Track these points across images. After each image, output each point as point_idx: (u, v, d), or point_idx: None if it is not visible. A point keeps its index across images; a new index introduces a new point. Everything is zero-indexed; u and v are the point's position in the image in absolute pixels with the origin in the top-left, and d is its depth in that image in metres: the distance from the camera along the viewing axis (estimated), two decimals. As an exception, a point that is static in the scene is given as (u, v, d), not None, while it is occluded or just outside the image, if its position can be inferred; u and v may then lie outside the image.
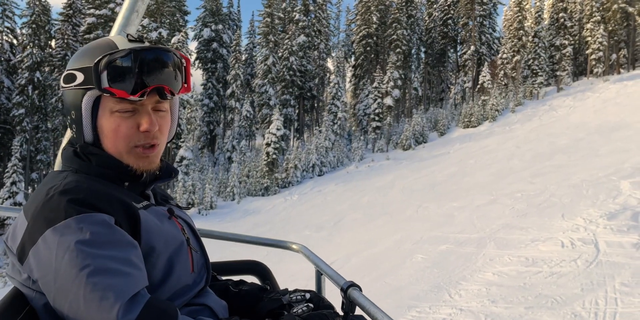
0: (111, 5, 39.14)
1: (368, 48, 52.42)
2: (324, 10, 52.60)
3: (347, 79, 58.22)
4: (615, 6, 52.77)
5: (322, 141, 35.71)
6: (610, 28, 53.24)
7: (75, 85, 1.22)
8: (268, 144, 33.21)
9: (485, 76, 42.87)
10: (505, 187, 19.72)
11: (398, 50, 47.90)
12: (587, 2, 52.85)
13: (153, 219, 1.25)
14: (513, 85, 45.80)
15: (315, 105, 53.80)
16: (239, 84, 44.30)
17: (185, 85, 1.32)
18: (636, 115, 29.92)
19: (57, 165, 1.55)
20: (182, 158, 32.04)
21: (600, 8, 52.98)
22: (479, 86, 44.66)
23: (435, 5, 59.93)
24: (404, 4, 53.91)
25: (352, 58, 56.82)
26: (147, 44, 1.27)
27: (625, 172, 16.87)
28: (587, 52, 50.53)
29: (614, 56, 52.90)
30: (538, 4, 50.51)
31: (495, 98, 40.95)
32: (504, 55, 45.02)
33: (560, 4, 49.03)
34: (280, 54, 45.63)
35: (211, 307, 1.34)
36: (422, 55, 61.49)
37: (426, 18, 60.72)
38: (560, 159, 23.44)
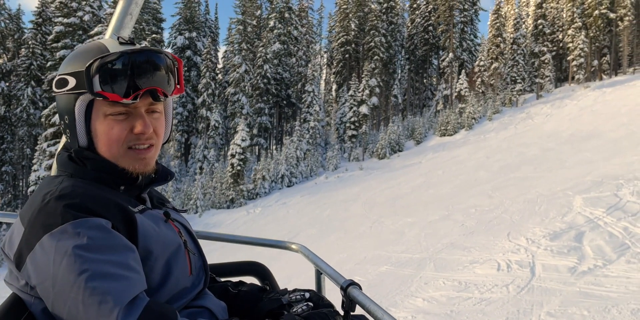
0: (80, 13, 38.30)
1: (347, 55, 51.79)
2: (302, 17, 51.98)
3: (330, 86, 57.71)
4: (597, 12, 52.46)
5: (292, 151, 34.83)
6: (591, 34, 52.89)
7: (67, 90, 1.21)
8: (233, 155, 32.25)
9: (462, 84, 42.21)
10: (463, 201, 19.13)
11: (376, 57, 47.22)
12: (569, 8, 52.52)
13: (149, 223, 1.24)
14: (493, 93, 45.21)
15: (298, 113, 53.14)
16: (210, 93, 43.44)
17: (178, 86, 1.31)
18: (610, 123, 29.38)
19: (53, 170, 1.46)
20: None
21: (582, 14, 52.65)
22: (455, 94, 44.01)
23: (417, 12, 59.45)
24: (384, 10, 53.38)
25: (332, 65, 56.22)
26: (138, 46, 1.25)
27: (583, 186, 16.39)
28: (568, 58, 50.11)
29: (596, 62, 52.54)
30: (517, 10, 50.04)
31: (472, 106, 40.30)
32: (481, 63, 44.39)
33: (539, 10, 48.53)
34: (254, 62, 44.86)
35: (210, 308, 1.33)
36: (405, 61, 61.01)
37: (409, 24, 60.25)
38: (526, 170, 22.85)
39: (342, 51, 51.81)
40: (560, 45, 54.52)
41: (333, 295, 1.61)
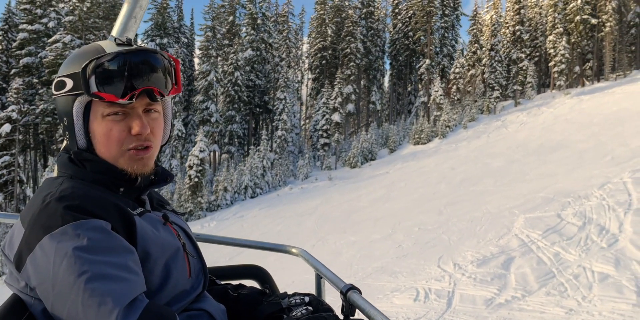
0: (44, 20, 37.31)
1: (324, 61, 50.82)
2: (283, 22, 51.09)
3: (309, 92, 56.76)
4: (578, 17, 51.80)
5: (256, 161, 33.74)
6: (573, 40, 52.20)
7: (65, 92, 1.22)
8: (190, 167, 31.11)
9: (437, 91, 41.29)
10: (412, 218, 18.33)
11: (351, 64, 46.30)
12: (550, 13, 51.81)
13: (148, 226, 1.24)
14: (470, 100, 44.32)
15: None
16: (176, 101, 42.37)
17: (176, 86, 1.30)
18: (581, 133, 28.62)
19: (55, 171, 1.42)
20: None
21: (563, 19, 51.96)
22: (430, 102, 43.11)
23: (399, 17, 58.65)
24: (363, 15, 52.54)
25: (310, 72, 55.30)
26: (134, 46, 1.25)
27: (532, 204, 15.68)
28: (550, 64, 49.33)
29: (578, 68, 51.80)
30: (495, 16, 49.26)
31: (447, 114, 39.38)
32: (457, 70, 43.49)
33: (517, 16, 47.75)
34: (224, 69, 43.84)
35: (209, 311, 1.33)
36: (388, 67, 60.29)
37: (391, 29, 59.43)
38: (487, 183, 22.02)
39: (319, 57, 50.88)
40: (544, 50, 53.79)
41: (333, 299, 1.63)
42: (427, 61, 47.35)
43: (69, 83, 1.21)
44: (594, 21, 51.78)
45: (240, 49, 44.53)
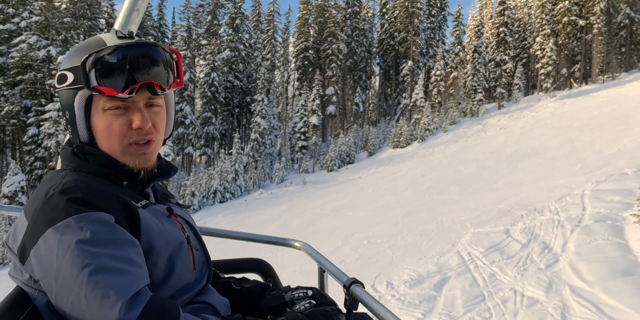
0: (16, 19, 36.40)
1: (306, 62, 49.92)
2: (261, 21, 50.17)
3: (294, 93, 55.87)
4: (566, 19, 51.03)
5: (227, 165, 32.82)
6: (560, 41, 51.42)
7: (66, 86, 1.21)
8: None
9: (418, 94, 40.40)
10: (368, 229, 17.66)
11: (333, 65, 45.42)
12: (538, 14, 50.99)
13: (152, 219, 1.24)
14: (453, 102, 43.47)
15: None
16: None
17: (178, 79, 1.29)
18: (558, 139, 27.91)
19: (58, 164, 1.42)
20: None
21: (551, 20, 51.16)
22: (411, 104, 42.26)
23: (386, 17, 57.77)
24: (348, 15, 51.67)
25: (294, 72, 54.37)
26: (135, 40, 1.23)
27: (487, 216, 15.12)
28: (536, 66, 48.55)
29: (565, 70, 51.03)
30: (478, 17, 48.41)
31: (427, 117, 38.52)
32: (438, 72, 42.62)
33: (501, 18, 46.90)
34: (200, 69, 42.94)
35: (213, 304, 1.33)
36: (377, 67, 59.44)
37: (379, 29, 58.57)
38: (452, 191, 21.34)
39: (302, 58, 49.98)
40: (533, 52, 52.96)
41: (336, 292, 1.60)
42: (410, 63, 46.44)
43: (70, 77, 1.19)
44: (581, 22, 51.00)
45: (218, 49, 43.57)
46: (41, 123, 31.81)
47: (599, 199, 13.51)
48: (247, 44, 47.71)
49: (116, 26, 1.85)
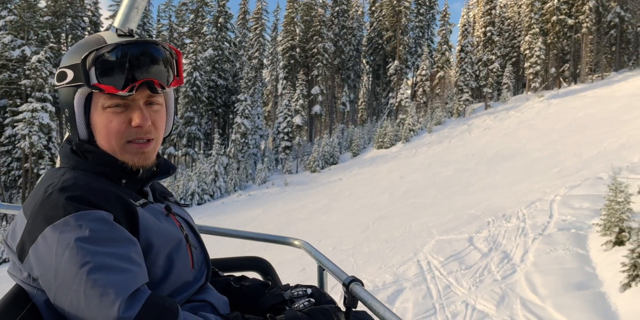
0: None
1: (292, 61, 49.35)
2: (247, 19, 49.55)
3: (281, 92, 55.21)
4: (555, 18, 50.67)
5: (205, 166, 32.25)
6: (549, 40, 51.05)
7: (66, 83, 1.21)
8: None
9: (403, 93, 39.94)
10: (338, 234, 17.25)
11: (319, 64, 44.88)
12: (526, 13, 50.59)
13: (151, 217, 1.23)
14: (440, 102, 43.01)
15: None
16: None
17: (178, 78, 1.29)
18: (540, 140, 27.53)
19: (58, 162, 1.41)
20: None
21: (540, 19, 50.77)
22: (396, 104, 41.79)
23: (375, 14, 57.20)
24: (335, 14, 51.14)
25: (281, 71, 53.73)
26: (135, 38, 1.23)
27: (456, 223, 14.79)
28: (525, 65, 48.15)
29: (553, 70, 50.68)
30: (465, 17, 47.95)
31: (412, 117, 38.05)
32: (423, 72, 42.16)
33: (488, 17, 46.45)
34: (184, 68, 42.29)
35: (212, 303, 1.33)
36: (365, 66, 58.84)
37: (368, 28, 58.00)
38: (428, 195, 20.90)
39: (287, 57, 49.43)
40: (522, 51, 52.54)
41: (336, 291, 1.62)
42: (396, 62, 45.94)
43: (70, 74, 1.19)
44: (570, 21, 50.64)
45: (201, 48, 42.98)
46: (15, 124, 31.21)
47: (567, 205, 13.13)
48: (232, 43, 47.06)
49: (115, 24, 1.82)
